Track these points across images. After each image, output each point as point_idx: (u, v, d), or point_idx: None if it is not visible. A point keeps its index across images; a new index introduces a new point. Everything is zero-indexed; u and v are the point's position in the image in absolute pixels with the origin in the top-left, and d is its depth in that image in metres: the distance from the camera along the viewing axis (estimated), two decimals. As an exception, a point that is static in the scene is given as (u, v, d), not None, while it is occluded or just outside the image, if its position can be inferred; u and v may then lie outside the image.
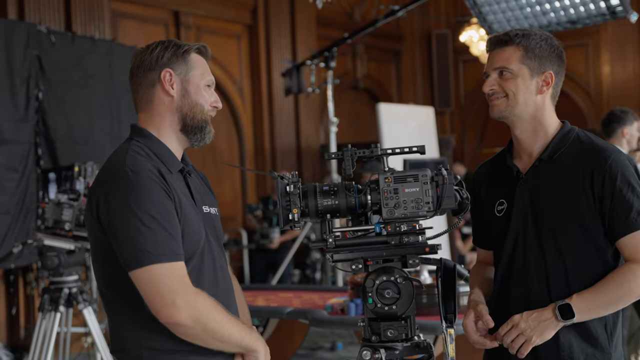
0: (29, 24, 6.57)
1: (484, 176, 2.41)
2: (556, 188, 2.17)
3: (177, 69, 2.14)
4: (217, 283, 2.15)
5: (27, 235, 6.06)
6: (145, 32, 8.37)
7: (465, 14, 10.00)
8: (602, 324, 2.17)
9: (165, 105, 2.15)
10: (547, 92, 2.23)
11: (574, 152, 2.20)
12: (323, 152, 10.06)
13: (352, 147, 2.21)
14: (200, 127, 2.17)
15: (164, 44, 2.17)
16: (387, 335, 2.18)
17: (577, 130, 2.27)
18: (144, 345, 2.05)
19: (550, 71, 2.23)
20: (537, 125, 2.24)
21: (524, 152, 2.27)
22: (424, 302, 4.10)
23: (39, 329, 4.62)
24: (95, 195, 2.05)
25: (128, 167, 2.01)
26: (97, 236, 2.05)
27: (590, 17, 5.11)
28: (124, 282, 1.99)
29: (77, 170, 4.86)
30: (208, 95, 2.19)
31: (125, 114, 7.21)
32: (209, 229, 2.17)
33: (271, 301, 5.18)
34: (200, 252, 2.10)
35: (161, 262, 1.94)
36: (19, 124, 6.29)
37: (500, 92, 2.24)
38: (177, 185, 2.10)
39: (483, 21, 5.33)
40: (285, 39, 9.99)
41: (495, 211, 2.29)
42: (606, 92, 11.20)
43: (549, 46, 2.24)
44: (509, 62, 2.23)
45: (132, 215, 1.95)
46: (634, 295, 2.11)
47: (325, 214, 2.17)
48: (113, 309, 2.12)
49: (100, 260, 2.09)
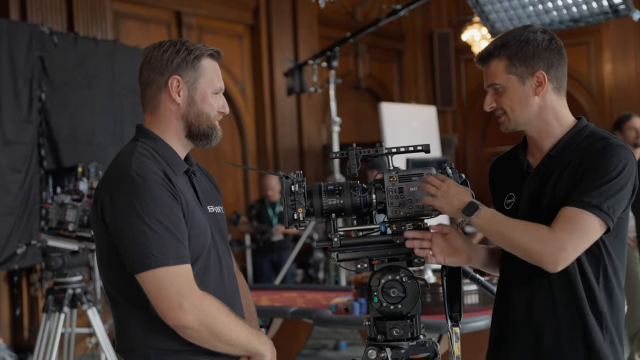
0: (31, 25, 6.58)
1: (498, 169, 2.41)
2: (558, 181, 2.16)
3: (185, 76, 2.13)
4: (223, 282, 2.15)
5: (30, 236, 6.07)
6: (147, 32, 8.37)
7: (467, 13, 9.99)
8: (599, 321, 2.14)
9: (172, 111, 2.14)
10: (544, 90, 2.19)
11: (583, 147, 2.16)
12: (325, 152, 10.06)
13: (357, 146, 2.22)
14: (206, 134, 2.17)
15: (176, 46, 2.14)
16: (393, 334, 2.18)
17: (591, 127, 2.22)
18: (151, 346, 2.05)
19: (540, 70, 2.17)
20: (545, 124, 2.22)
21: (536, 149, 2.26)
22: (428, 301, 4.11)
23: (43, 329, 4.63)
24: (101, 197, 2.05)
25: (134, 169, 2.01)
26: (103, 238, 2.06)
27: (592, 16, 5.10)
28: (130, 283, 2.00)
29: (80, 170, 4.86)
30: (215, 101, 2.18)
31: (128, 115, 7.22)
32: (214, 228, 2.17)
33: (275, 301, 5.18)
34: (206, 252, 2.10)
35: (168, 265, 1.95)
36: (22, 125, 6.30)
37: (499, 110, 2.22)
38: (183, 187, 2.10)
39: (485, 20, 5.33)
40: (287, 39, 9.99)
41: (504, 205, 2.29)
42: (608, 91, 11.19)
43: (531, 45, 2.18)
44: (496, 77, 2.20)
45: (138, 218, 1.95)
46: (522, 245, 2.06)
47: (330, 214, 2.17)
48: (119, 309, 2.12)
49: (106, 261, 2.09)
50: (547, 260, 2.04)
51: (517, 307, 2.23)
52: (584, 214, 2.03)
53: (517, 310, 2.23)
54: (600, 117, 11.16)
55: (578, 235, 2.03)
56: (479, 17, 5.44)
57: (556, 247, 2.03)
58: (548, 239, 2.03)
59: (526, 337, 2.21)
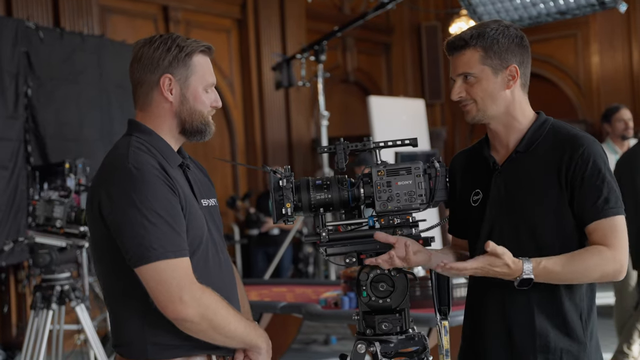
0: (17, 20, 6.53)
1: (460, 165, 2.39)
2: (531, 179, 2.17)
3: (177, 74, 2.12)
4: (221, 275, 2.16)
5: (18, 232, 6.03)
6: (134, 27, 8.33)
7: (454, 6, 10.00)
8: (578, 314, 2.17)
9: (165, 109, 2.14)
10: (515, 85, 2.20)
11: (550, 142, 2.18)
12: (314, 146, 10.06)
13: (345, 140, 2.21)
14: (199, 130, 2.18)
15: (167, 43, 2.12)
16: (382, 328, 2.19)
17: (552, 120, 2.25)
18: (148, 340, 2.05)
19: (513, 64, 2.19)
20: (511, 119, 2.22)
21: (500, 144, 2.26)
22: (417, 294, 4.11)
23: (32, 326, 4.61)
24: (97, 192, 2.04)
25: (131, 163, 2.01)
26: (100, 232, 2.05)
27: (579, 8, 5.11)
28: (128, 277, 2.00)
29: (67, 167, 4.83)
30: (207, 97, 2.17)
31: (115, 110, 7.18)
32: (210, 221, 2.18)
33: (264, 296, 5.18)
34: (204, 245, 2.11)
35: (167, 258, 1.95)
36: (8, 121, 6.26)
37: (468, 100, 2.21)
38: (179, 180, 2.10)
39: (473, 13, 5.33)
40: (275, 33, 9.97)
41: (470, 201, 2.28)
42: (595, 83, 11.23)
43: (506, 39, 2.19)
44: (470, 67, 2.19)
45: (137, 212, 1.95)
46: (593, 276, 2.11)
47: (319, 208, 2.17)
48: (116, 303, 2.12)
49: (104, 256, 2.09)
50: (620, 276, 2.13)
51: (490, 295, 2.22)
52: (615, 219, 2.11)
53: (490, 298, 2.22)
54: (588, 109, 11.21)
55: (624, 238, 2.13)
56: (466, 10, 5.44)
57: (620, 260, 2.11)
58: (612, 258, 2.10)
59: (500, 332, 2.21)
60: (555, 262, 2.08)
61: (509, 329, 2.19)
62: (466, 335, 2.35)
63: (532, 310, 2.16)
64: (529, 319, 2.17)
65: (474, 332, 2.30)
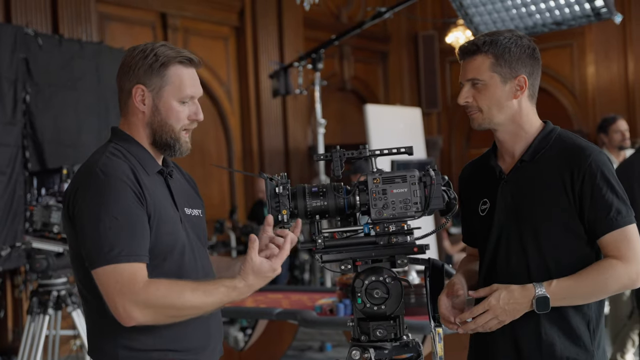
0: (16, 27, 6.55)
1: (468, 175, 2.43)
2: (537, 188, 2.19)
3: (150, 84, 2.11)
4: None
5: (15, 238, 6.03)
6: (132, 34, 8.35)
7: (451, 15, 10.03)
8: (585, 323, 2.18)
9: (138, 118, 2.15)
10: (523, 95, 2.22)
11: (556, 152, 2.20)
12: (311, 154, 10.08)
13: (341, 148, 2.23)
14: (168, 145, 2.15)
15: (145, 52, 2.11)
16: (376, 335, 2.19)
17: (559, 130, 2.26)
18: (119, 345, 2.05)
19: (522, 75, 2.21)
20: (518, 128, 2.25)
21: (507, 153, 2.29)
22: (412, 301, 4.13)
23: (28, 331, 4.61)
24: (68, 194, 2.07)
25: (99, 168, 2.03)
26: (72, 235, 2.07)
27: (575, 19, 5.14)
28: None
29: (65, 172, 4.85)
30: (184, 110, 2.14)
31: (113, 116, 7.19)
32: (192, 230, 2.18)
33: (260, 302, 5.19)
34: (179, 251, 2.11)
35: (119, 262, 1.95)
36: (6, 127, 6.27)
37: (474, 108, 2.23)
38: (155, 186, 2.10)
39: (469, 23, 5.36)
40: (273, 41, 10.00)
41: (479, 210, 2.31)
42: (591, 93, 11.27)
43: (518, 48, 2.21)
44: (480, 73, 2.21)
45: (95, 215, 1.97)
46: (610, 290, 2.13)
47: (315, 215, 2.18)
48: (89, 308, 2.12)
49: (76, 258, 2.09)
50: (636, 285, 2.14)
51: None
52: (627, 228, 2.13)
53: None
54: (583, 119, 11.24)
55: (637, 246, 2.13)
56: (463, 20, 5.47)
57: (637, 270, 2.12)
58: (626, 270, 2.11)
59: (507, 341, 2.23)
60: (567, 279, 2.11)
61: (515, 337, 2.21)
62: (472, 344, 2.37)
63: (539, 319, 2.17)
64: (535, 328, 2.18)
65: (480, 342, 2.32)
